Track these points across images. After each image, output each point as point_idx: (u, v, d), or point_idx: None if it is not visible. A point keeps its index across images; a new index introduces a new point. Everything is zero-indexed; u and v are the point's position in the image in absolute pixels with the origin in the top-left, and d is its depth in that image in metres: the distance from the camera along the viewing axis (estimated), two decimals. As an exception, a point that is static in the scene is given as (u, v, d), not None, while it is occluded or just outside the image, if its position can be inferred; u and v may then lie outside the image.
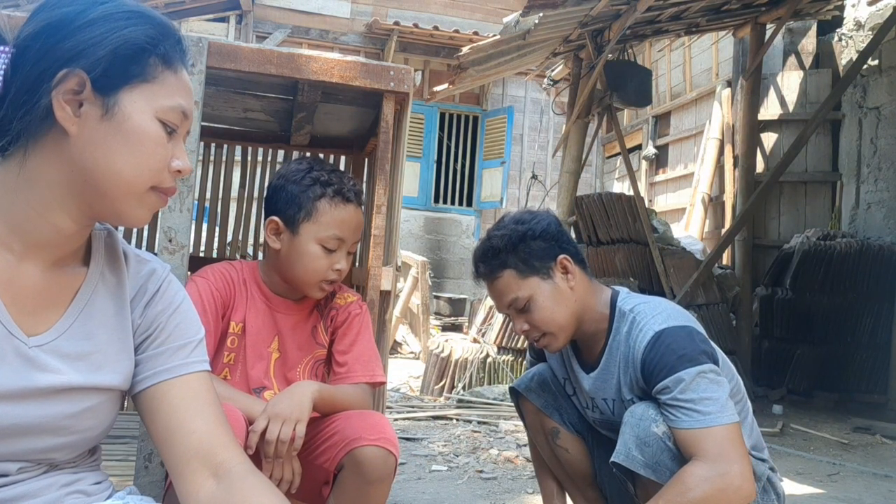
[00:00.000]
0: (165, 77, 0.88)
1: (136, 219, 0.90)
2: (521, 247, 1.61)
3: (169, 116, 0.88)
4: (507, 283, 1.62)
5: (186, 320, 1.01)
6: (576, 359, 1.75)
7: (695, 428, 1.42)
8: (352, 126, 2.49)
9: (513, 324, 1.68)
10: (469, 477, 3.02)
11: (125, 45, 0.85)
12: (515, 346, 5.02)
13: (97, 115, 0.84)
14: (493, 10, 9.35)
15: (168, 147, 0.88)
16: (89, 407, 0.89)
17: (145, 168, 0.86)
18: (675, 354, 1.47)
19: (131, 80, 0.85)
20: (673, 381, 1.45)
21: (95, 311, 0.93)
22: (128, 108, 0.85)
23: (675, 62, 8.52)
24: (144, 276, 0.99)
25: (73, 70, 0.82)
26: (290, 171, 1.58)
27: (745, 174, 5.71)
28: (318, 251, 1.52)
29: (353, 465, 1.39)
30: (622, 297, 1.65)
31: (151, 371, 0.95)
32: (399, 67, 1.81)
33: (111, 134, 0.84)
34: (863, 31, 5.82)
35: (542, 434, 1.86)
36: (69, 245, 0.91)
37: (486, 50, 5.45)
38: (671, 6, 4.97)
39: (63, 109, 0.83)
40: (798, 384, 5.30)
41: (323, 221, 1.52)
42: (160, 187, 0.89)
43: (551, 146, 9.47)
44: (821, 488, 3.07)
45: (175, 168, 0.89)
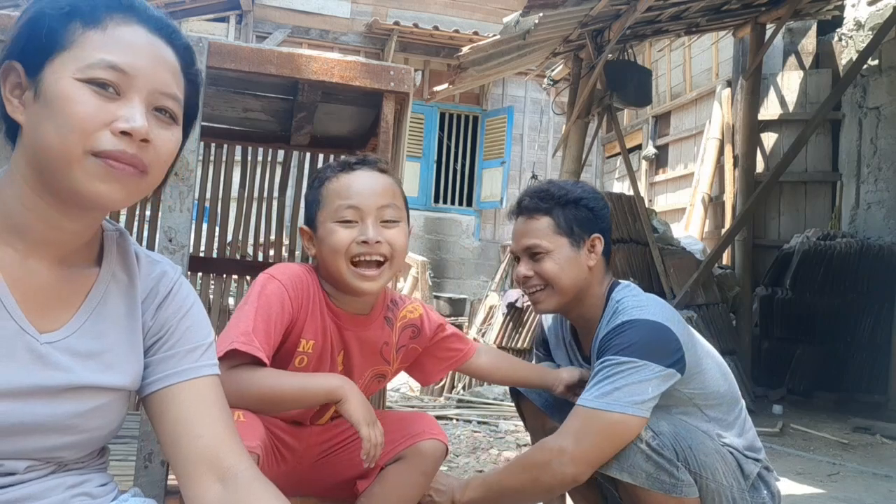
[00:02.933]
0: (87, 37, 0.83)
1: (96, 194, 0.82)
2: (571, 207, 1.64)
3: (92, 73, 0.81)
4: (540, 228, 1.63)
5: (197, 324, 1.00)
6: (577, 350, 1.76)
7: (581, 405, 1.46)
8: (352, 126, 2.49)
9: (516, 268, 1.69)
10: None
11: (36, 21, 0.83)
12: (515, 346, 5.02)
13: (32, 99, 0.83)
14: (493, 9, 9.35)
15: (101, 107, 0.81)
16: (98, 406, 0.89)
17: (68, 132, 0.80)
18: (627, 341, 1.48)
19: (51, 54, 0.82)
20: (604, 361, 1.48)
21: (107, 310, 0.93)
22: (48, 80, 0.82)
23: (675, 62, 8.52)
24: (156, 278, 0.99)
25: (8, 62, 0.84)
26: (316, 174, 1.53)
27: (745, 174, 5.71)
28: (336, 227, 1.39)
29: (414, 456, 1.49)
30: (618, 289, 1.66)
31: (161, 374, 0.95)
32: (399, 67, 1.81)
33: (41, 111, 0.82)
34: (863, 31, 5.82)
35: (543, 434, 1.86)
36: (72, 241, 0.90)
37: (486, 50, 5.45)
38: (671, 6, 4.97)
39: (10, 103, 0.84)
40: (798, 384, 5.30)
41: (331, 200, 1.41)
42: (100, 151, 0.81)
43: (551, 146, 9.47)
44: (821, 488, 3.07)
45: (119, 129, 0.81)
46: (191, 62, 0.93)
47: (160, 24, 0.88)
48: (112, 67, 0.82)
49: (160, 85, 0.86)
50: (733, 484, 1.53)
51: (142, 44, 0.85)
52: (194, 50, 0.96)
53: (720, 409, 1.62)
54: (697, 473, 1.46)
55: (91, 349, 0.90)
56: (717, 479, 1.49)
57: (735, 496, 1.52)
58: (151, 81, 0.85)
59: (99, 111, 0.81)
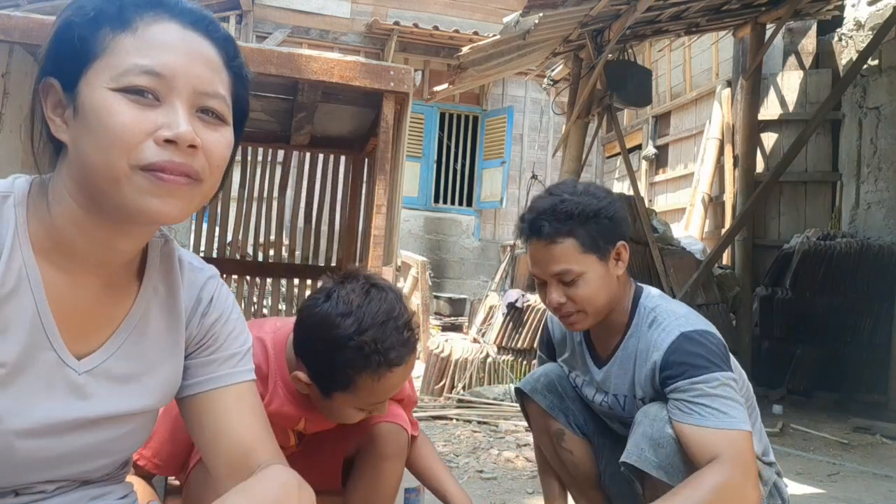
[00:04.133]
0: (118, 42, 0.76)
1: (149, 210, 0.76)
2: (592, 222, 1.53)
3: (128, 81, 0.75)
4: (566, 253, 1.53)
5: (237, 329, 1.00)
6: (588, 352, 1.73)
7: (718, 428, 1.38)
8: (352, 126, 2.49)
9: (544, 293, 1.59)
10: (469, 477, 3.01)
11: (64, 32, 0.78)
12: (515, 346, 5.02)
13: (72, 116, 0.78)
14: (493, 9, 9.34)
15: (140, 116, 0.75)
16: (132, 429, 0.90)
17: (110, 146, 0.74)
18: (702, 356, 1.46)
19: (84, 65, 0.77)
20: (699, 381, 1.43)
21: (148, 327, 0.91)
22: (84, 93, 0.76)
23: (675, 62, 8.51)
24: (199, 286, 0.97)
25: (46, 80, 0.79)
26: (327, 326, 1.25)
27: (745, 174, 5.71)
28: (355, 412, 1.33)
29: (369, 441, 1.47)
30: (645, 294, 1.64)
31: (201, 378, 0.95)
32: (399, 67, 1.81)
33: (81, 128, 0.77)
34: (863, 31, 5.82)
35: (547, 435, 1.85)
36: (122, 258, 0.86)
37: (486, 50, 5.45)
38: (671, 6, 4.97)
39: (53, 123, 0.80)
40: (798, 384, 5.30)
41: (363, 394, 1.29)
42: (147, 164, 0.75)
43: (551, 146, 9.47)
44: (821, 488, 3.07)
45: (163, 137, 0.75)
46: (234, 54, 0.86)
47: (194, 17, 0.81)
48: (147, 72, 0.76)
49: (201, 84, 0.79)
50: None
51: (176, 41, 0.79)
52: (235, 41, 0.88)
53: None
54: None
55: (129, 372, 0.89)
56: None
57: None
58: (192, 81, 0.78)
59: (139, 121, 0.75)
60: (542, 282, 1.61)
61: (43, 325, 0.81)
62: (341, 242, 3.20)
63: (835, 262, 5.27)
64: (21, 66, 2.02)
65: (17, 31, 1.77)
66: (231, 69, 0.85)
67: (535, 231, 1.55)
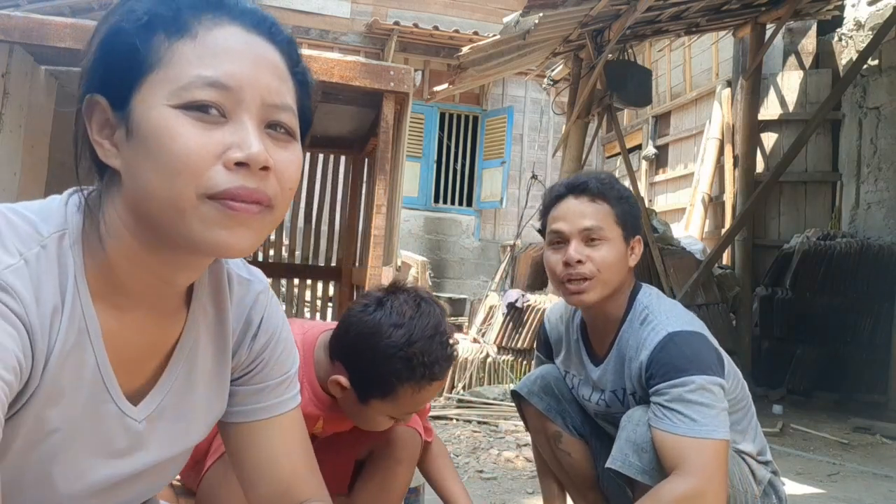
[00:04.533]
0: (176, 51, 0.67)
1: (218, 244, 0.68)
2: (625, 203, 1.60)
3: (190, 96, 0.66)
4: (602, 213, 1.57)
5: (286, 350, 0.93)
6: (585, 350, 1.73)
7: (686, 435, 1.37)
8: (352, 126, 2.49)
9: (561, 253, 1.57)
10: (469, 477, 3.01)
11: (111, 41, 0.68)
12: (515, 346, 5.02)
13: (124, 139, 0.68)
14: (493, 9, 9.34)
15: (206, 137, 0.66)
16: (179, 464, 0.89)
17: (174, 174, 0.65)
18: (685, 358, 1.44)
19: (136, 79, 0.67)
20: (677, 384, 1.42)
21: (197, 358, 0.84)
22: (138, 112, 0.67)
23: (675, 62, 8.51)
24: (249, 304, 0.89)
25: (90, 97, 0.70)
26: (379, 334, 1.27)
27: (745, 174, 5.71)
28: (386, 420, 1.36)
29: (384, 445, 1.49)
30: (643, 291, 1.65)
31: (247, 407, 0.91)
32: (399, 67, 1.81)
33: (136, 153, 0.67)
34: (863, 31, 5.82)
35: (545, 437, 1.85)
36: (179, 289, 0.80)
37: (485, 50, 5.45)
38: (671, 6, 4.97)
39: (101, 147, 0.70)
40: (798, 384, 5.30)
41: (400, 403, 1.31)
42: (216, 192, 0.66)
43: (551, 146, 9.47)
44: (821, 488, 3.07)
45: (233, 160, 0.66)
46: (297, 59, 0.77)
47: (257, 19, 0.72)
48: (212, 84, 0.66)
49: (270, 95, 0.70)
50: (747, 489, 1.52)
51: (240, 47, 0.69)
52: (298, 43, 0.78)
53: (736, 415, 1.60)
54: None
55: (182, 408, 0.84)
56: (734, 485, 1.49)
57: (748, 501, 1.51)
58: (260, 93, 0.69)
59: (205, 143, 0.66)
60: (561, 241, 1.59)
61: (103, 378, 0.75)
62: (341, 242, 3.20)
63: (835, 262, 5.27)
64: (21, 66, 2.02)
65: (17, 31, 1.77)
66: (295, 76, 0.76)
67: (578, 187, 1.59)
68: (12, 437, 0.69)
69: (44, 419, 0.71)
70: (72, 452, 0.74)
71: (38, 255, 0.69)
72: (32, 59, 2.06)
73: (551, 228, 1.61)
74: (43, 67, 2.13)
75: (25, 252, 0.68)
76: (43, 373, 0.69)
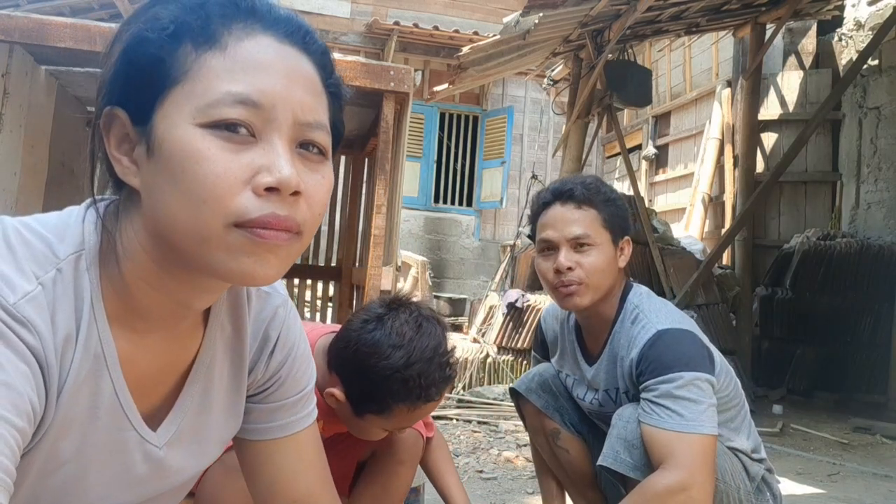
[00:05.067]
0: (204, 64, 0.62)
1: (243, 274, 0.64)
2: (612, 205, 1.62)
3: (219, 114, 0.61)
4: (589, 219, 1.58)
5: (302, 366, 0.91)
6: (580, 349, 1.75)
7: (673, 430, 1.39)
8: (352, 126, 2.49)
9: (551, 261, 1.59)
10: (469, 477, 3.01)
11: (134, 51, 0.63)
12: (515, 346, 5.02)
13: (145, 156, 0.64)
14: (493, 9, 9.34)
15: (235, 160, 0.61)
16: (192, 483, 0.88)
17: (200, 201, 0.60)
18: (674, 355, 1.46)
19: (160, 92, 0.63)
20: (665, 380, 1.44)
21: (214, 376, 0.82)
22: (161, 129, 0.62)
23: (675, 62, 8.51)
24: (266, 319, 0.86)
25: (109, 109, 0.66)
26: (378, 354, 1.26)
27: (745, 174, 5.71)
28: (381, 431, 1.38)
29: (387, 446, 1.49)
30: (634, 291, 1.66)
31: (262, 425, 0.89)
32: (399, 67, 1.81)
33: (158, 173, 0.63)
34: (863, 30, 5.82)
35: (543, 435, 1.86)
36: (197, 311, 0.76)
37: (485, 50, 5.45)
38: (671, 6, 4.97)
39: (119, 163, 0.66)
40: (798, 384, 5.30)
41: (395, 420, 1.32)
42: (246, 220, 0.61)
43: (551, 146, 9.47)
44: (821, 488, 3.06)
45: (264, 185, 0.61)
46: (330, 70, 0.71)
47: (290, 28, 0.67)
48: (242, 102, 0.61)
49: (303, 113, 0.65)
50: (740, 486, 1.53)
51: (273, 60, 0.64)
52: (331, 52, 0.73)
53: (729, 413, 1.61)
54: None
55: (200, 428, 0.82)
56: (726, 481, 1.50)
57: (741, 497, 1.52)
58: (293, 110, 0.64)
59: (233, 167, 0.61)
60: (550, 248, 1.61)
61: (122, 404, 0.72)
62: (341, 242, 3.20)
63: (835, 262, 5.27)
64: (21, 65, 2.02)
65: (17, 32, 1.77)
66: (328, 88, 0.70)
67: (564, 194, 1.61)
68: (26, 473, 0.67)
69: (57, 451, 0.69)
70: (87, 482, 0.72)
71: (54, 279, 0.66)
72: (32, 59, 2.06)
73: (541, 236, 1.64)
74: (43, 67, 2.13)
75: (42, 276, 0.65)
76: (56, 406, 0.66)
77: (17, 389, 0.59)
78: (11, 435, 0.58)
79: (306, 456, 0.91)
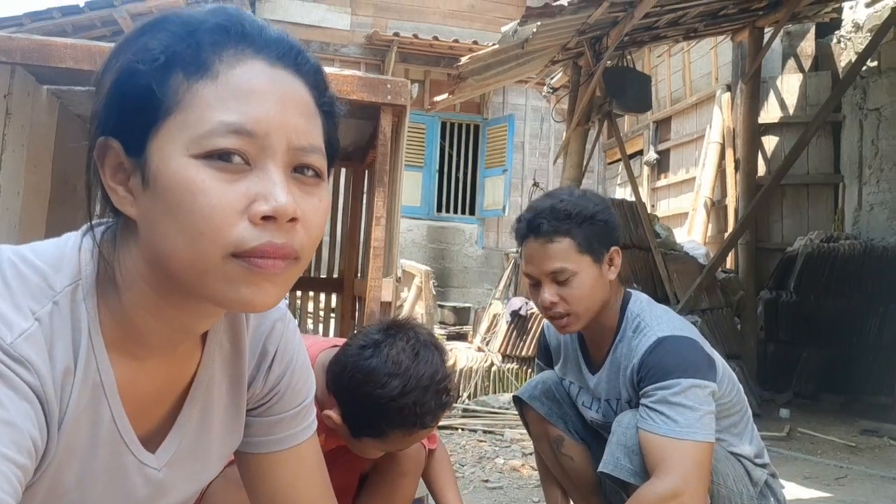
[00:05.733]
0: (196, 93, 0.62)
1: (241, 302, 0.64)
2: (588, 224, 1.56)
3: (212, 145, 0.61)
4: (563, 251, 1.55)
5: (301, 380, 0.91)
6: (583, 358, 1.75)
7: (666, 436, 1.39)
8: (350, 139, 2.51)
9: (537, 294, 1.60)
10: (475, 487, 3.01)
11: (125, 82, 0.63)
12: (520, 354, 5.01)
13: (140, 187, 0.64)
14: (492, 19, 9.39)
15: (230, 190, 0.61)
16: (193, 499, 0.88)
17: (197, 234, 0.61)
18: (673, 361, 1.47)
19: (153, 123, 0.62)
20: (663, 386, 1.44)
21: (213, 394, 0.82)
22: (156, 160, 0.62)
23: (675, 67, 8.53)
24: (264, 333, 0.86)
25: (103, 139, 0.65)
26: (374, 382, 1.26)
27: (747, 178, 5.71)
28: (379, 452, 1.40)
29: (390, 458, 1.49)
30: (633, 300, 1.66)
31: (262, 439, 0.89)
32: (396, 80, 1.82)
33: (154, 205, 0.63)
34: (861, 32, 5.83)
35: (547, 442, 1.86)
36: (196, 335, 0.77)
37: (484, 59, 5.47)
38: (669, 12, 4.99)
39: (115, 193, 0.66)
40: (804, 387, 5.28)
41: (390, 444, 1.34)
42: (243, 251, 0.61)
43: (552, 153, 9.48)
44: (828, 492, 3.05)
45: (260, 214, 0.61)
46: (323, 88, 0.70)
47: (281, 49, 0.66)
48: (236, 132, 0.61)
49: (297, 137, 0.65)
50: (743, 491, 1.53)
51: (265, 85, 0.63)
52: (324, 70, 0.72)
53: (732, 418, 1.62)
54: (710, 480, 1.46)
55: (197, 449, 0.82)
56: (728, 486, 1.50)
57: (744, 503, 1.52)
58: (286, 136, 0.64)
59: (230, 197, 0.61)
60: (535, 282, 1.61)
61: (119, 431, 0.72)
62: (343, 254, 3.21)
63: (839, 264, 5.26)
64: (23, 86, 2.04)
65: (18, 52, 1.79)
66: (322, 107, 0.70)
67: (534, 229, 1.58)
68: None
69: (60, 481, 0.69)
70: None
71: (50, 313, 0.65)
72: (34, 79, 2.08)
73: (523, 270, 1.64)
74: (45, 87, 2.16)
75: (38, 311, 0.65)
76: (58, 438, 0.67)
77: (18, 427, 0.60)
78: (13, 472, 0.58)
79: (307, 468, 0.92)
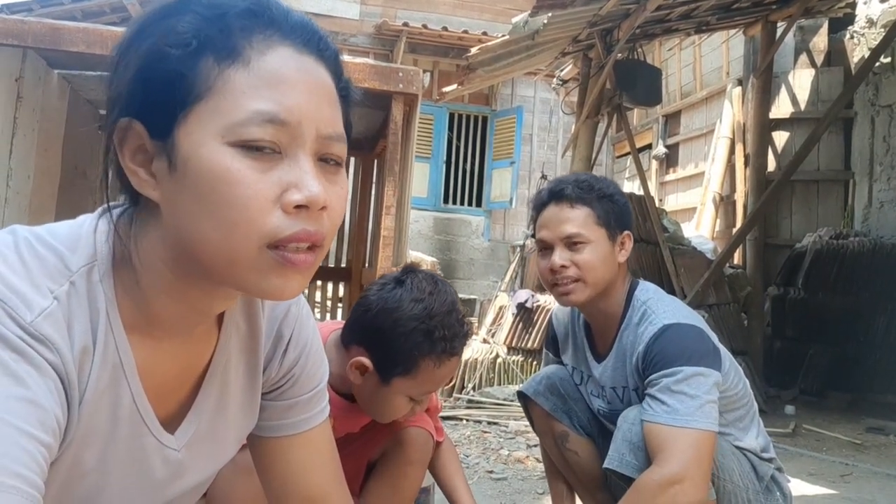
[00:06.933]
0: (228, 79, 0.61)
1: (272, 291, 0.65)
2: (607, 201, 1.61)
3: (247, 134, 0.60)
4: (581, 218, 1.59)
5: (315, 364, 0.91)
6: (589, 347, 1.75)
7: (666, 424, 1.40)
8: (361, 127, 2.50)
9: (547, 259, 1.61)
10: (479, 477, 3.02)
11: (155, 65, 0.62)
12: (525, 346, 5.02)
13: (166, 171, 0.63)
14: (502, 10, 9.34)
15: (264, 179, 0.61)
16: (210, 481, 0.88)
17: (233, 224, 0.60)
18: (676, 349, 1.47)
19: (182, 108, 0.61)
20: (666, 374, 1.44)
21: (229, 376, 0.82)
22: (185, 146, 0.61)
23: (685, 61, 8.47)
24: (279, 317, 0.86)
25: (125, 120, 0.64)
26: (401, 309, 1.30)
27: (757, 173, 5.68)
28: (405, 402, 1.38)
29: (396, 445, 1.50)
30: (640, 288, 1.66)
31: (275, 422, 0.90)
32: (408, 69, 1.81)
33: (182, 190, 0.62)
34: (875, 28, 5.77)
35: (551, 438, 1.86)
36: (215, 315, 0.78)
37: (494, 50, 5.45)
38: (681, 5, 4.95)
39: (136, 175, 0.65)
40: (811, 384, 5.26)
41: (421, 379, 1.33)
42: (279, 240, 0.62)
43: (561, 146, 9.45)
44: (834, 489, 3.05)
45: (294, 203, 0.61)
46: (341, 73, 0.70)
47: (307, 35, 0.66)
48: (271, 121, 0.61)
49: (325, 126, 0.65)
50: (748, 486, 1.53)
51: (295, 74, 0.63)
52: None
53: (738, 412, 1.62)
54: (715, 474, 1.46)
55: (215, 430, 0.82)
56: (734, 481, 1.49)
57: (750, 497, 1.52)
58: (315, 124, 0.64)
59: (264, 187, 0.61)
60: (546, 248, 1.63)
61: (140, 412, 0.73)
62: (351, 244, 3.21)
63: (847, 261, 5.24)
64: (34, 70, 2.04)
65: (30, 36, 1.79)
66: (340, 92, 0.69)
67: (556, 194, 1.63)
68: (50, 484, 0.66)
69: (80, 461, 0.69)
70: (110, 490, 0.73)
71: (68, 293, 0.66)
72: (45, 63, 2.08)
73: (537, 237, 1.66)
74: (56, 71, 2.15)
75: (56, 290, 0.65)
76: (78, 418, 0.67)
77: (42, 406, 0.60)
78: (39, 451, 0.58)
79: (319, 453, 0.92)
